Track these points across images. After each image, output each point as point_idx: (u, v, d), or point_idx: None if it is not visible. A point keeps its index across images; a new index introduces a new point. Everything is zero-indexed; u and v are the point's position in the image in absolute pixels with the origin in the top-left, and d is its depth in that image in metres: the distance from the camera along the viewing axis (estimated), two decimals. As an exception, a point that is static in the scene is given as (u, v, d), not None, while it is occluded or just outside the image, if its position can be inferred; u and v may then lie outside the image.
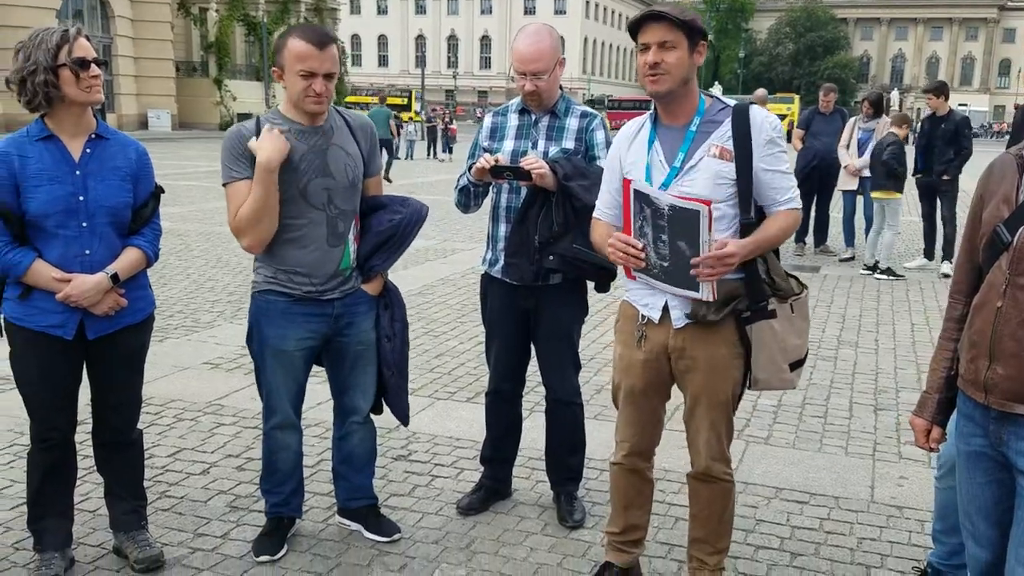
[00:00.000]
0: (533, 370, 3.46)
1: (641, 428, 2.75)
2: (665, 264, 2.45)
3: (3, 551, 3.08)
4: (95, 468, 3.12)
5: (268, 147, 2.78)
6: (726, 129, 2.49)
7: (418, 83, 62.04)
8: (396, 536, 3.26)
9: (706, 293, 2.44)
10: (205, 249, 9.39)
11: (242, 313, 6.70)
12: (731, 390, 2.60)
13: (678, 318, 2.55)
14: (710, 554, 2.74)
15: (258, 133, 2.84)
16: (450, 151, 26.49)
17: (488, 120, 3.41)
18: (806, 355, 2.67)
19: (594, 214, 2.77)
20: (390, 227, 3.04)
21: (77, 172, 2.75)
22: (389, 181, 16.65)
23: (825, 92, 9.81)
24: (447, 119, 29.33)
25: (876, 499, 3.66)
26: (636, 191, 2.44)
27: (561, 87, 3.30)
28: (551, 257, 3.10)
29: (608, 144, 3.25)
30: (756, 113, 2.51)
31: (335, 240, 2.96)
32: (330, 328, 3.04)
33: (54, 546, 2.92)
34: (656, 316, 2.58)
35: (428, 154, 27.32)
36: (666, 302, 2.56)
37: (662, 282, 2.50)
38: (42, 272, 2.71)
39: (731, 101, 2.58)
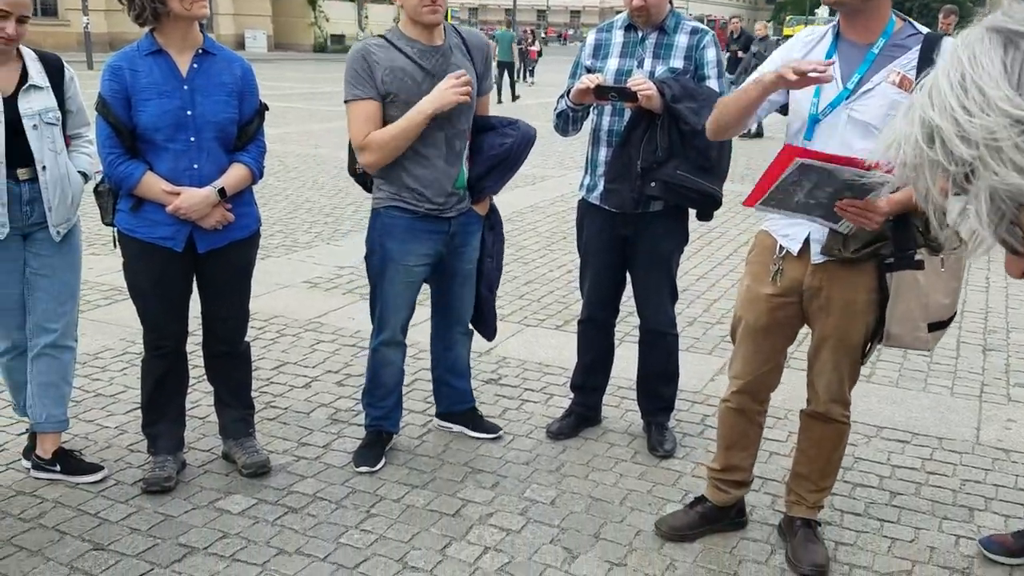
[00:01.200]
0: (626, 298, 3.43)
1: (756, 368, 2.64)
2: (810, 201, 2.25)
3: (119, 452, 3.27)
4: (205, 378, 3.25)
5: (439, 98, 2.84)
6: (912, 57, 2.29)
7: (510, 2, 60.91)
8: (499, 434, 3.43)
9: (845, 226, 2.30)
10: (302, 171, 9.55)
11: (338, 235, 6.83)
12: (863, 335, 2.48)
13: (818, 253, 2.44)
14: (811, 491, 2.68)
15: (377, 53, 2.90)
16: (531, 74, 25.94)
17: (591, 37, 3.31)
18: (951, 319, 2.47)
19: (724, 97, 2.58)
20: (503, 150, 3.10)
21: (185, 87, 2.80)
22: (517, 98, 18.41)
23: (944, 15, 9.21)
24: (528, 41, 28.30)
25: (981, 441, 3.52)
26: (805, 165, 2.12)
27: (671, 1, 3.16)
28: (653, 184, 3.02)
29: (719, 63, 3.11)
30: (949, 47, 2.32)
31: (453, 159, 3.02)
32: (446, 246, 3.13)
33: (167, 449, 3.08)
34: (796, 248, 2.46)
35: (519, 78, 26.96)
36: (809, 234, 2.44)
37: (800, 212, 2.31)
38: (152, 184, 2.80)
39: (924, 29, 2.37)
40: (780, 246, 2.51)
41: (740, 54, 13.62)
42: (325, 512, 2.90)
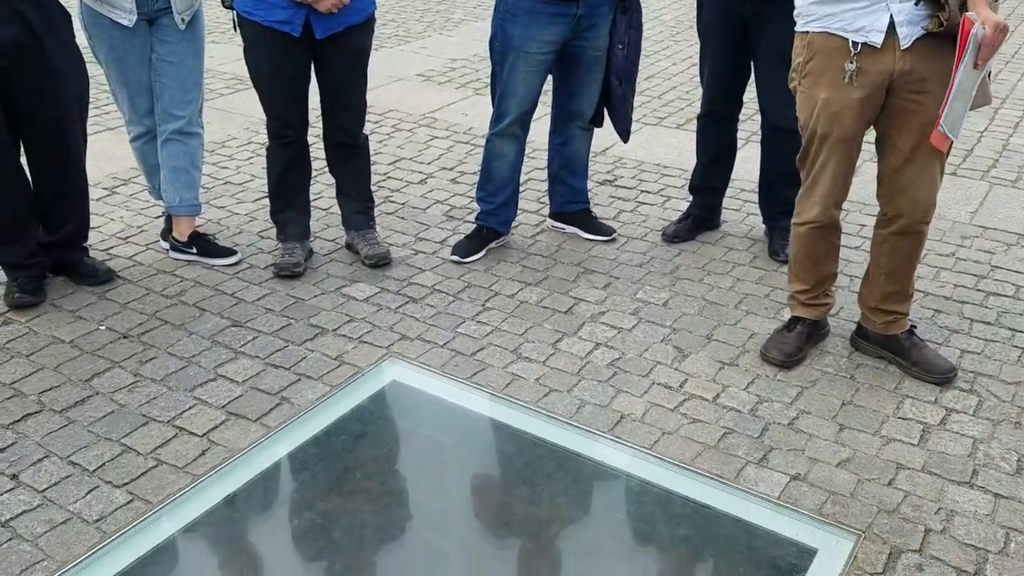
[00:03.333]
0: (752, 98, 3.23)
1: (844, 179, 2.48)
2: None
3: (250, 238, 3.43)
4: (327, 170, 3.32)
5: None
6: None
7: None
8: (613, 236, 3.42)
9: None
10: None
11: (451, 24, 6.63)
12: None
13: (907, 35, 2.21)
14: (904, 302, 2.62)
15: None
16: None
17: None
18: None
19: None
20: None
21: None
22: None
23: None
24: None
25: None
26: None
27: None
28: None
29: None
30: None
31: None
32: (571, 31, 2.99)
33: (295, 236, 3.21)
34: (879, 39, 2.24)
35: None
36: (891, 18, 2.21)
37: None
38: None
39: None
40: (854, 42, 2.27)
41: None
42: (443, 303, 3.00)
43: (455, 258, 3.25)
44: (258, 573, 2.00)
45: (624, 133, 3.27)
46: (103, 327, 2.83)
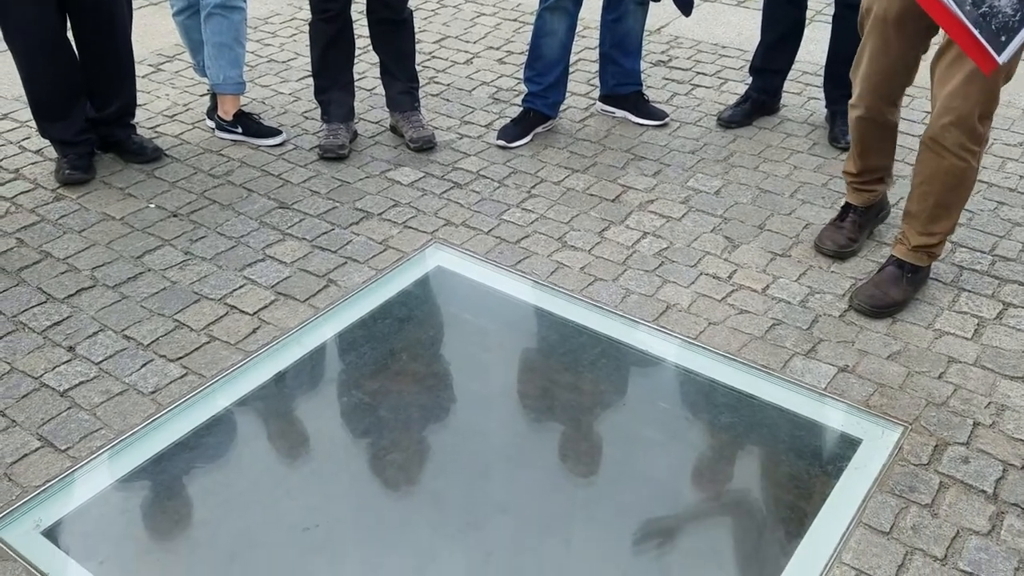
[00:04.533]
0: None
1: (879, 64, 2.30)
2: None
3: (295, 118, 3.39)
4: (371, 48, 3.23)
5: None
6: None
7: None
8: (665, 120, 3.31)
9: None
10: None
11: None
12: None
13: None
14: (917, 233, 2.36)
15: None
16: None
17: None
18: None
19: None
20: None
21: None
22: None
23: None
24: None
25: None
26: None
27: None
28: None
29: None
30: None
31: None
32: None
33: (339, 117, 3.16)
34: None
35: None
36: None
37: None
38: None
39: None
40: None
41: None
42: (488, 189, 2.96)
43: (501, 142, 3.18)
44: (308, 447, 2.06)
45: (686, 6, 3.10)
46: (152, 205, 2.86)
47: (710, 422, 2.11)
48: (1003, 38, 1.97)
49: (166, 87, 3.63)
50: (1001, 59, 1.98)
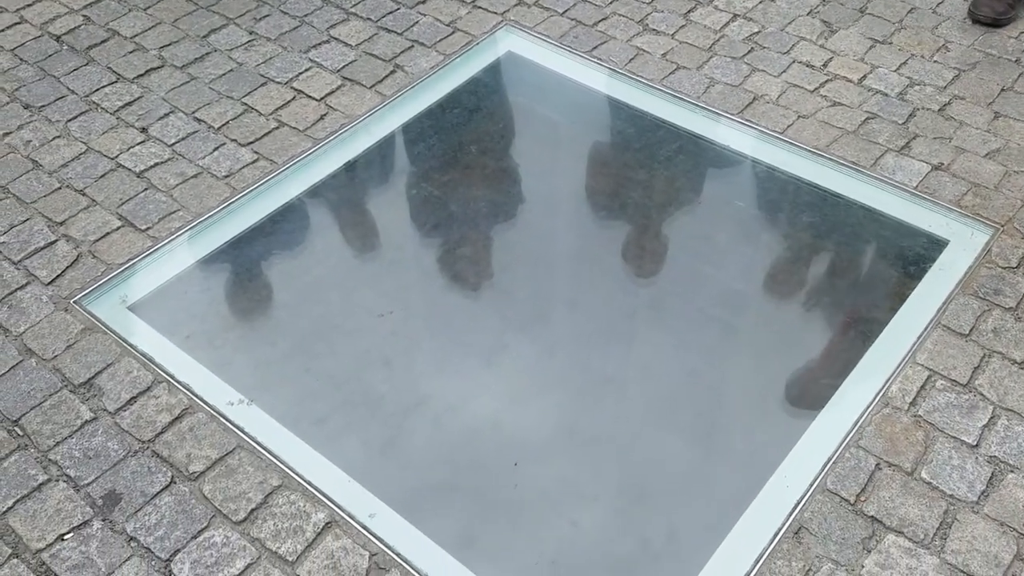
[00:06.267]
0: None
1: None
2: None
3: None
4: None
5: None
6: None
7: None
8: None
9: None
10: None
11: None
12: None
13: None
14: None
15: None
16: None
17: None
18: None
19: None
20: None
21: None
22: None
23: None
24: None
25: None
26: None
27: None
28: None
29: None
30: None
31: None
32: None
33: None
34: None
35: None
36: None
37: None
38: None
39: None
40: None
41: None
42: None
43: None
44: (380, 238, 2.07)
45: None
46: (214, -16, 2.75)
47: (790, 221, 2.04)
48: None
49: None
50: None
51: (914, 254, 1.94)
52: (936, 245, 1.94)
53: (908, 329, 1.78)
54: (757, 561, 1.46)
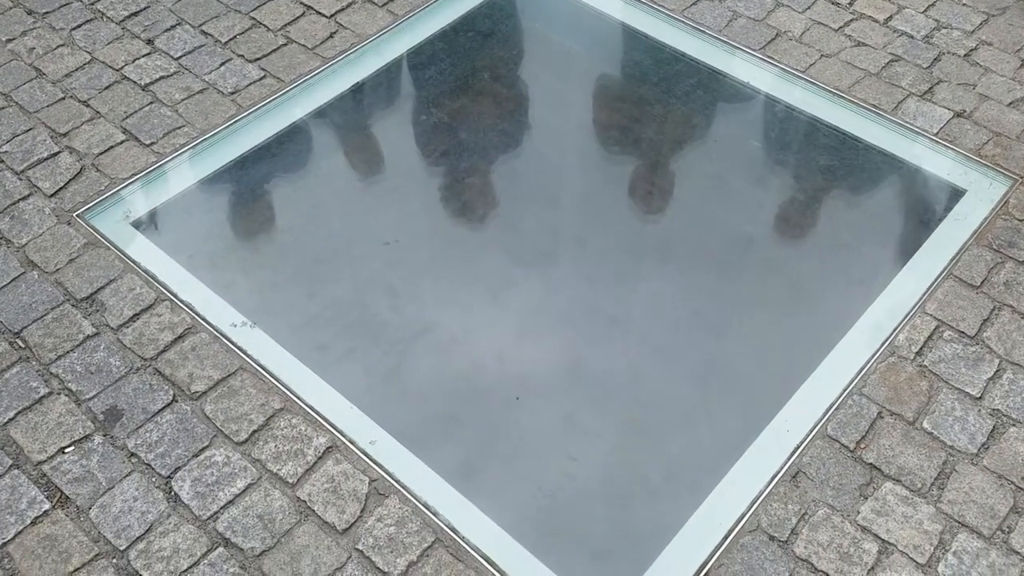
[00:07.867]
0: None
1: None
2: None
3: None
4: None
5: None
6: None
7: None
8: None
9: None
10: None
11: None
12: None
13: None
14: None
15: None
16: None
17: None
18: None
19: None
20: None
21: None
22: None
23: None
24: None
25: None
26: None
27: None
28: None
29: None
30: None
31: None
32: None
33: None
34: None
35: None
36: None
37: None
38: None
39: None
40: None
41: None
42: None
43: None
44: (387, 164, 2.03)
45: None
46: None
47: (806, 164, 2.00)
48: None
49: None
50: None
51: (930, 203, 1.91)
52: (954, 194, 1.91)
53: (919, 278, 1.76)
54: (753, 503, 1.47)
